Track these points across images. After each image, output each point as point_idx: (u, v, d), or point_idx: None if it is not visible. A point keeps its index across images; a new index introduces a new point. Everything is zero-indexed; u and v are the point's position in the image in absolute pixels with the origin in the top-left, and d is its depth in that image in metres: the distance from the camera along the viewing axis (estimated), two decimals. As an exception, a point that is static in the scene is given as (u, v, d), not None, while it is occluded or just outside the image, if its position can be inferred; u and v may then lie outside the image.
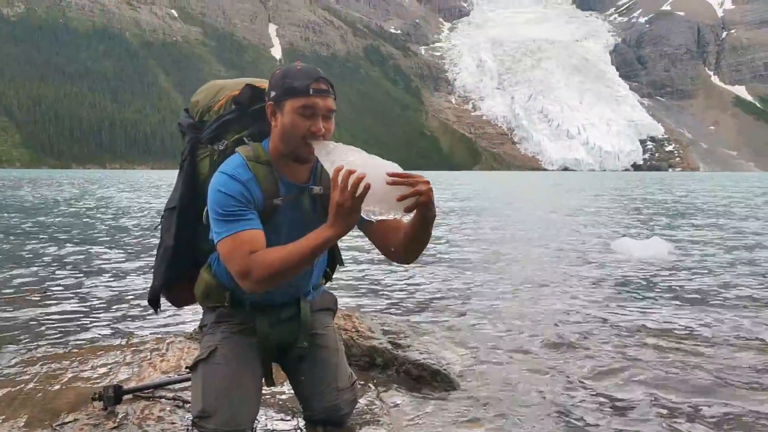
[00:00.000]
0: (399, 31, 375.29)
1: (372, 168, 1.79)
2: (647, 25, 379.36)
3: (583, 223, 12.95)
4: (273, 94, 2.08)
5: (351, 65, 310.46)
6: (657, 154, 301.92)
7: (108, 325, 4.21)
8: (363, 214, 1.85)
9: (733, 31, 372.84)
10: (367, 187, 1.76)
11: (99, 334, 3.94)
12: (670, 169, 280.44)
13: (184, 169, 2.32)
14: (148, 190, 29.92)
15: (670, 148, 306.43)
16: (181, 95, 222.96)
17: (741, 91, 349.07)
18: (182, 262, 2.34)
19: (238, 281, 2.00)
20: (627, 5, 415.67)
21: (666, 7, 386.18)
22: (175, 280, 2.37)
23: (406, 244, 2.03)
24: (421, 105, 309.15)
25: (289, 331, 2.28)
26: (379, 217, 1.84)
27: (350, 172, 1.79)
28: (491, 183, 53.23)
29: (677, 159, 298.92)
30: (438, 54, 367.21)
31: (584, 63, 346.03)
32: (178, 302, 2.45)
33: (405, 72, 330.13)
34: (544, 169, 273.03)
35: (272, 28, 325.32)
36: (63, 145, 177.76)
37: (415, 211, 1.82)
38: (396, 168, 1.81)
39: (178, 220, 2.30)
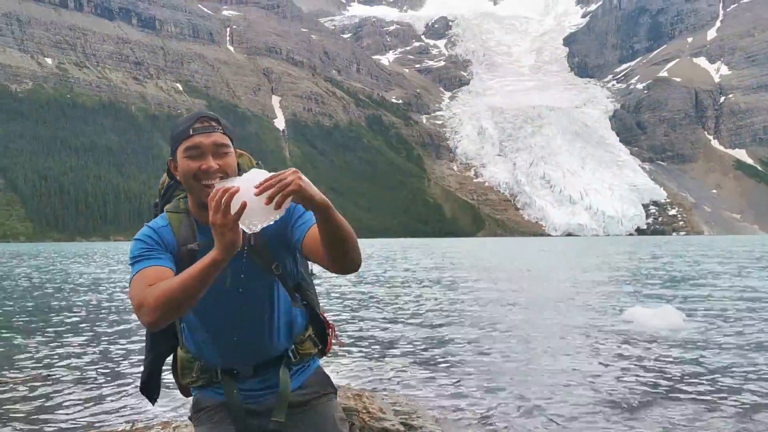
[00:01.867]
0: (400, 101, 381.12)
1: (243, 182, 1.75)
2: (645, 91, 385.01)
3: (592, 290, 12.72)
4: (170, 150, 2.12)
5: (353, 134, 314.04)
6: (660, 218, 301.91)
7: (114, 405, 4.11)
8: (245, 229, 1.79)
9: (730, 95, 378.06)
10: (243, 205, 1.71)
11: (105, 416, 3.83)
12: (674, 233, 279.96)
13: None
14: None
15: (673, 212, 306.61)
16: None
17: (741, 154, 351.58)
18: (163, 346, 2.31)
19: (137, 316, 1.93)
20: (624, 72, 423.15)
21: (663, 74, 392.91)
22: (158, 363, 2.33)
23: (328, 247, 1.92)
24: (423, 172, 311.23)
25: (267, 405, 2.19)
26: (259, 227, 1.78)
27: (224, 191, 1.73)
28: (496, 250, 53.13)
29: (681, 223, 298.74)
30: (439, 122, 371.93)
31: (584, 129, 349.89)
32: (184, 391, 2.39)
33: (407, 140, 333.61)
34: (548, 235, 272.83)
35: (275, 100, 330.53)
36: (68, 217, 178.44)
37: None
38: (265, 175, 1.75)
39: None
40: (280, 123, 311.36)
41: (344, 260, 1.95)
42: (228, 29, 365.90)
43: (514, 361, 5.53)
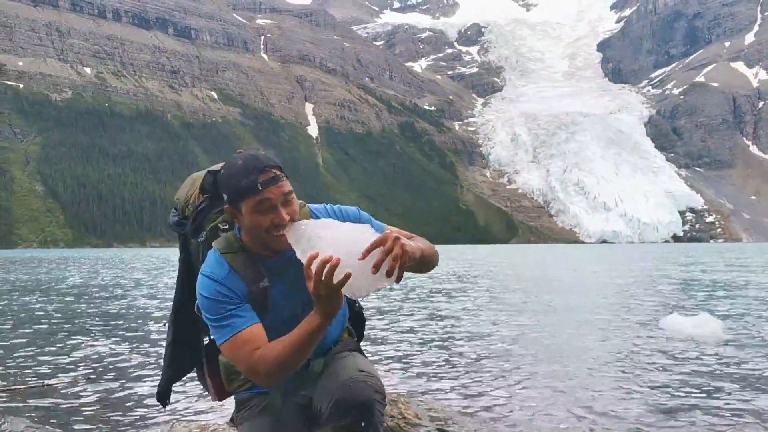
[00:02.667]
0: (433, 108, 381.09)
1: (343, 246, 1.79)
2: (681, 97, 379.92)
3: (626, 298, 12.59)
4: (226, 197, 2.09)
5: (386, 141, 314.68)
6: (697, 225, 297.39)
7: (149, 408, 4.20)
8: (349, 295, 1.84)
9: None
10: (348, 276, 1.75)
11: (141, 419, 3.94)
12: (711, 240, 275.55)
13: (180, 266, 2.41)
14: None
15: (710, 219, 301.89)
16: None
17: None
18: (184, 357, 2.37)
19: (251, 378, 2.07)
20: (660, 78, 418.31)
21: (700, 79, 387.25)
22: (178, 377, 2.41)
23: (416, 271, 2.11)
24: (456, 179, 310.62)
25: (302, 392, 2.25)
26: (365, 294, 1.83)
27: (324, 262, 1.76)
28: (529, 256, 52.77)
29: (719, 230, 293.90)
30: (472, 129, 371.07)
31: (619, 135, 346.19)
32: (218, 395, 2.42)
33: (439, 147, 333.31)
34: (582, 242, 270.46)
35: (308, 107, 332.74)
36: (105, 224, 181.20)
37: (384, 283, 1.80)
38: (366, 237, 1.81)
39: (175, 318, 2.32)
40: (313, 130, 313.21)
41: (426, 271, 2.16)
42: (262, 38, 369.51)
43: (549, 369, 5.48)
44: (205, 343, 2.38)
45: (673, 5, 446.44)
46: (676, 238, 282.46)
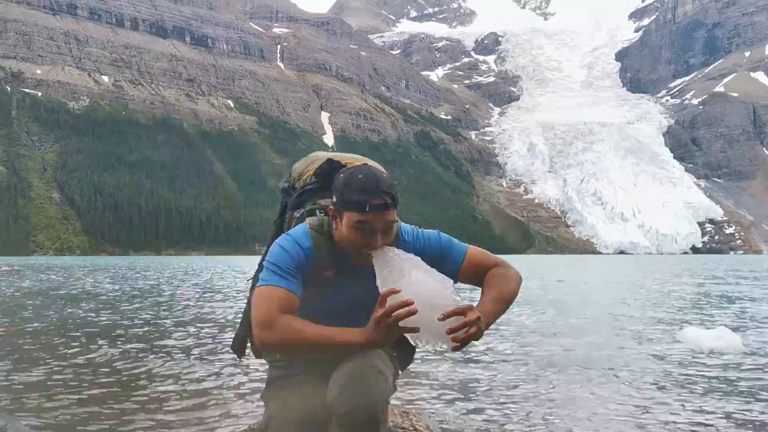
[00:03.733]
0: (449, 117, 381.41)
1: (425, 295, 1.85)
2: (701, 107, 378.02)
3: (642, 309, 12.53)
4: (334, 199, 2.20)
5: (402, 150, 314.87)
6: (717, 237, 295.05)
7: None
8: (409, 339, 1.92)
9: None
10: (416, 329, 1.86)
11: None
12: (731, 252, 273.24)
13: (274, 229, 2.52)
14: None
15: (730, 230, 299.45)
16: (235, 182, 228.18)
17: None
18: None
19: (255, 328, 2.07)
20: (679, 87, 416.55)
21: (719, 89, 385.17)
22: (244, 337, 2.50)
23: None
24: (472, 189, 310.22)
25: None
26: (421, 345, 1.92)
27: (403, 304, 1.85)
28: (546, 266, 52.54)
29: (739, 241, 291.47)
30: (488, 138, 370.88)
31: (637, 145, 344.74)
32: (257, 353, 2.50)
33: (455, 156, 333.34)
34: (599, 253, 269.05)
35: (324, 116, 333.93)
36: (121, 232, 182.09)
37: (446, 346, 1.89)
38: (448, 295, 1.90)
39: (256, 276, 2.33)
40: (329, 139, 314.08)
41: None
42: (278, 46, 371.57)
43: (561, 381, 5.44)
44: None
45: (692, 15, 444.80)
46: (695, 250, 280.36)
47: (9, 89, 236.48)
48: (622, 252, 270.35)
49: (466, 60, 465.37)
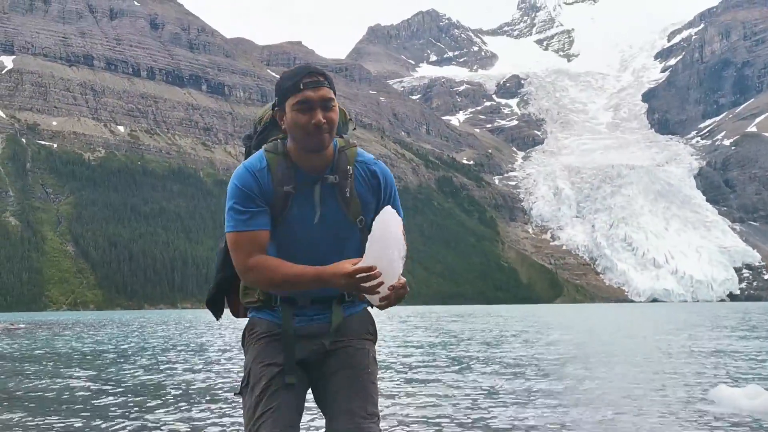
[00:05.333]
0: (471, 162, 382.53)
1: (384, 270, 2.25)
2: (733, 147, 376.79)
3: (673, 363, 12.43)
4: (275, 100, 2.44)
5: (423, 197, 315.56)
6: (755, 283, 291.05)
7: None
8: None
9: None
10: (377, 285, 2.24)
11: None
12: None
13: None
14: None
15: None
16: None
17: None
18: (229, 270, 2.53)
19: (240, 275, 2.37)
20: (709, 128, 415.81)
21: (752, 129, 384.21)
22: (227, 286, 2.61)
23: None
24: (497, 235, 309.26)
25: (317, 329, 2.49)
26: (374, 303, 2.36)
27: (374, 276, 2.22)
28: (576, 317, 52.17)
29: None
30: (512, 183, 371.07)
31: (668, 188, 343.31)
32: (237, 313, 2.68)
33: (479, 202, 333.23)
34: (632, 301, 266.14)
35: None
36: (136, 285, 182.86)
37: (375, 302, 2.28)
38: (398, 266, 2.29)
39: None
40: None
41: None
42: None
43: None
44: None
45: (720, 54, 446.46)
46: (732, 297, 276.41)
47: (24, 141, 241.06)
48: (655, 300, 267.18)
49: (487, 104, 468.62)
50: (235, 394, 2.65)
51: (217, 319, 2.73)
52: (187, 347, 19.09)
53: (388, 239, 2.30)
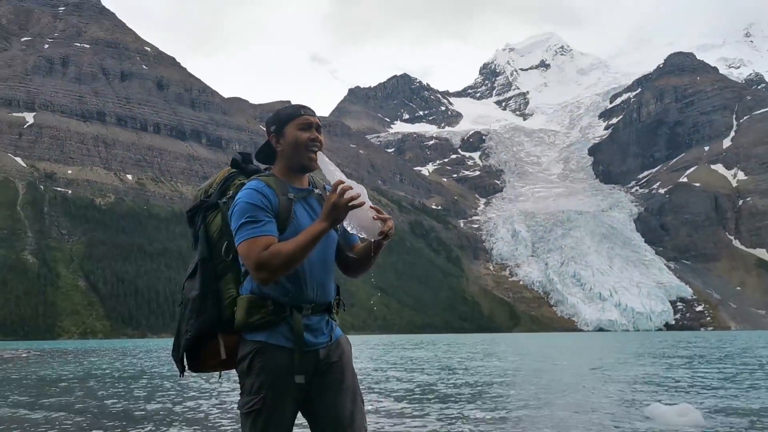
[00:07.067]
0: (439, 207, 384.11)
1: (362, 192, 2.34)
2: (667, 196, 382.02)
3: (613, 385, 12.56)
4: (273, 128, 2.57)
5: (397, 238, 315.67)
6: (688, 314, 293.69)
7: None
8: (347, 226, 2.38)
9: (748, 199, 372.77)
10: (360, 204, 2.32)
11: None
12: (702, 329, 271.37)
13: (199, 236, 2.58)
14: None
15: (699, 308, 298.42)
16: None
17: (762, 253, 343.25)
18: (211, 312, 2.43)
19: (255, 273, 2.30)
20: (646, 178, 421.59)
21: (683, 179, 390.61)
22: (204, 334, 2.45)
23: (358, 262, 2.60)
24: (462, 272, 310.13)
25: (322, 335, 2.48)
26: (359, 233, 2.38)
27: (350, 188, 2.33)
28: (531, 344, 53.11)
29: (708, 318, 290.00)
30: (475, 226, 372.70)
31: (611, 231, 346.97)
32: (204, 366, 2.51)
33: (446, 243, 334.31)
34: (580, 330, 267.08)
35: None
36: (141, 316, 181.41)
37: (375, 232, 2.34)
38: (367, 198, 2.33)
39: (202, 271, 2.45)
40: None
41: (357, 275, 2.69)
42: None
43: None
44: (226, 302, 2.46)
45: (655, 114, 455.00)
46: (668, 326, 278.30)
47: (42, 188, 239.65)
48: (601, 329, 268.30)
49: (453, 156, 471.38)
50: (241, 413, 2.41)
51: (181, 375, 2.59)
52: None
53: (334, 172, 2.44)
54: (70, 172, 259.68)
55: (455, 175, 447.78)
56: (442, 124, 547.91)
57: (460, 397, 10.04)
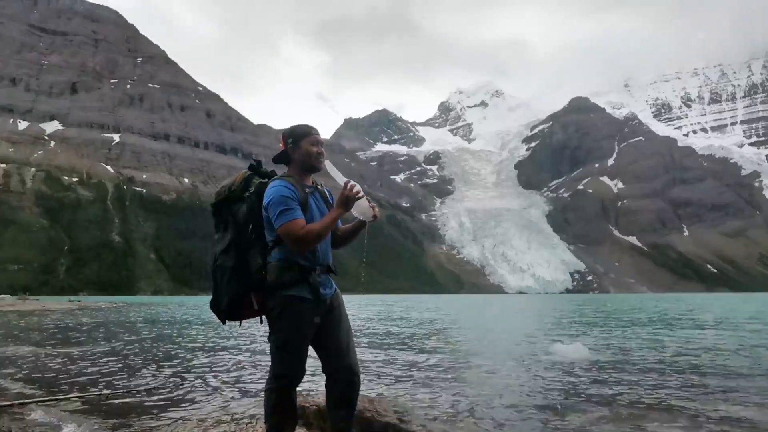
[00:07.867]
0: (408, 205, 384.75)
1: (361, 189, 2.37)
2: (569, 199, 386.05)
3: (529, 331, 12.13)
4: (290, 140, 2.51)
5: (378, 226, 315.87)
6: (581, 282, 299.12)
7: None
8: (353, 211, 2.38)
9: (625, 201, 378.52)
10: (361, 196, 2.37)
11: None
12: (591, 293, 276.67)
13: (229, 221, 2.52)
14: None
15: (590, 278, 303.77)
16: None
17: (634, 240, 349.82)
18: (243, 278, 2.39)
19: (294, 246, 2.28)
20: (555, 186, 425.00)
21: (581, 187, 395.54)
22: (240, 293, 2.40)
23: (344, 238, 2.58)
24: (423, 252, 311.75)
25: (329, 288, 2.46)
26: (358, 216, 2.41)
27: (356, 185, 2.37)
28: (470, 302, 53.98)
29: (595, 285, 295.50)
30: (434, 219, 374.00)
31: (530, 223, 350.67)
32: (240, 316, 2.46)
33: (413, 230, 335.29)
34: (506, 293, 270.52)
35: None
36: (195, 280, 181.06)
37: (370, 216, 2.36)
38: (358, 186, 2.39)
39: (235, 248, 2.40)
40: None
41: (341, 247, 2.60)
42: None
43: (473, 377, 5.54)
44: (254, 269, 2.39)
45: (562, 140, 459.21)
46: (568, 291, 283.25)
47: (125, 188, 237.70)
48: (521, 292, 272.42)
49: (418, 168, 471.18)
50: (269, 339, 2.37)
51: (224, 324, 2.52)
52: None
53: (338, 174, 2.43)
54: (144, 176, 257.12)
55: (420, 182, 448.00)
56: (411, 145, 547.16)
57: (404, 339, 10.06)
